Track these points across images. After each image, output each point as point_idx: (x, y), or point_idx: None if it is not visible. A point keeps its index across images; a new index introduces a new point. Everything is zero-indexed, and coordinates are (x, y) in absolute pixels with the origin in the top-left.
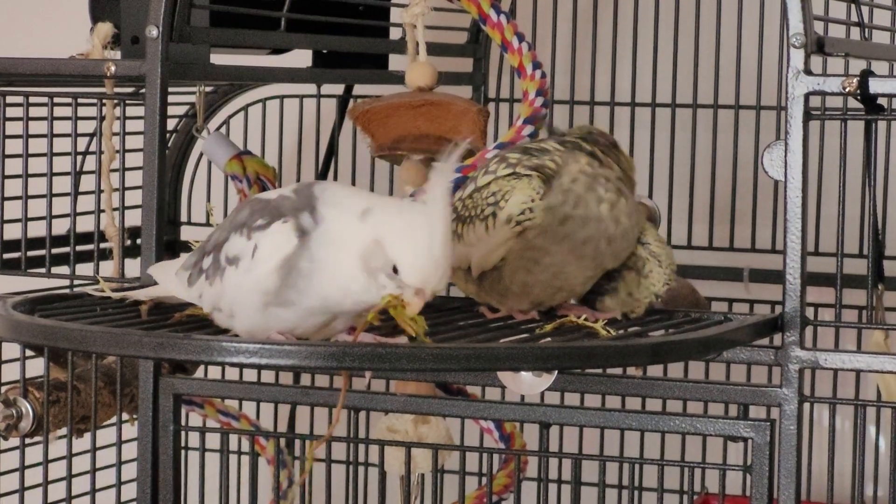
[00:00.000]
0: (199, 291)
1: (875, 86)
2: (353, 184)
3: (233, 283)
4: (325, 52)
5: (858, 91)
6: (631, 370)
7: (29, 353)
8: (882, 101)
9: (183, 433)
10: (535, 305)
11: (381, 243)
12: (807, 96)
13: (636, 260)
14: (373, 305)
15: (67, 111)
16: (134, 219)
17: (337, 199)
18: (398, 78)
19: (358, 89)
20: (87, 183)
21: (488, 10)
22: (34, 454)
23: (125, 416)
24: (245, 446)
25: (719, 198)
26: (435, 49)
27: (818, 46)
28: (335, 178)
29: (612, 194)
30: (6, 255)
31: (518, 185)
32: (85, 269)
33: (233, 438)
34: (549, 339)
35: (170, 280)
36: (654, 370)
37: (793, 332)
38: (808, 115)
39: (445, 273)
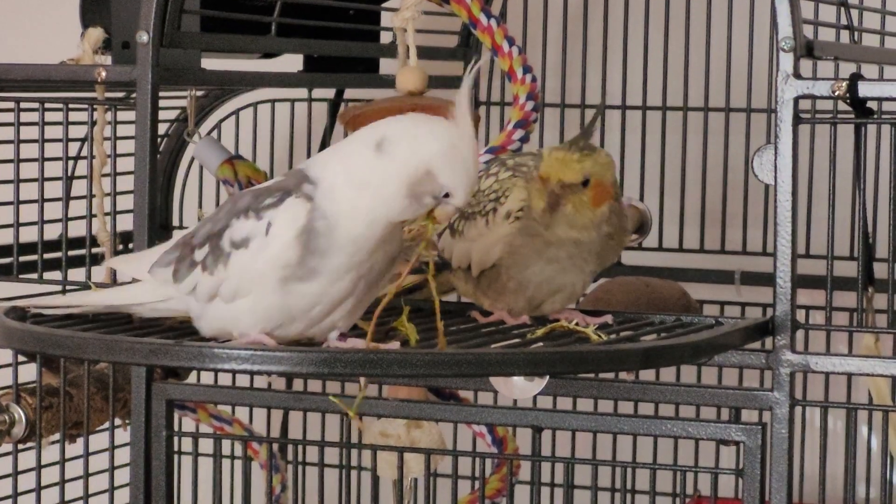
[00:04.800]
0: (193, 283)
1: (864, 89)
2: None
3: (242, 264)
4: (315, 56)
5: (848, 94)
6: (623, 374)
7: (21, 358)
8: (871, 104)
9: (176, 438)
10: (532, 307)
11: (431, 172)
12: (796, 100)
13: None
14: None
15: (58, 116)
16: (125, 224)
17: (316, 157)
18: (389, 82)
19: (349, 93)
20: (79, 188)
21: (478, 14)
22: (27, 460)
23: (118, 422)
24: (238, 451)
25: (710, 201)
26: (425, 53)
27: (807, 50)
28: None
29: (576, 234)
30: None
31: (518, 182)
32: (77, 274)
33: (226, 443)
34: (540, 343)
35: (140, 276)
36: (647, 374)
37: (783, 335)
38: (797, 119)
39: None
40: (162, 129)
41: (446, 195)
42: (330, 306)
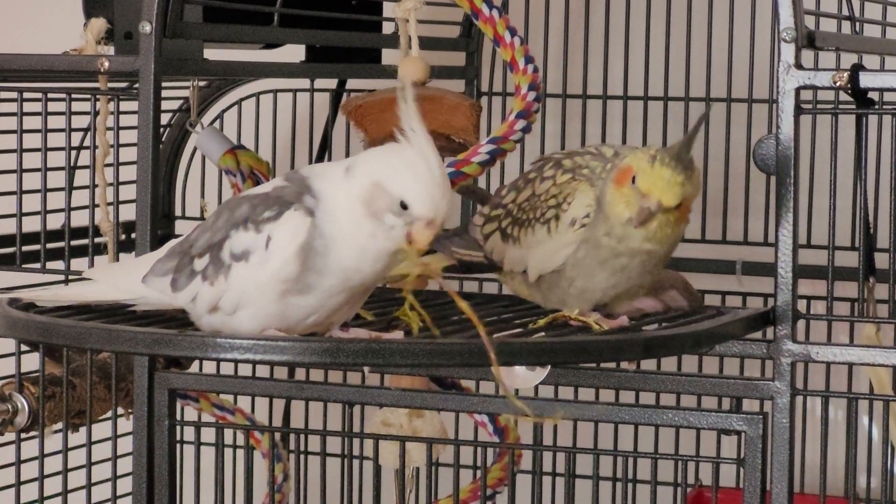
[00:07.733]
0: (193, 294)
1: (865, 80)
2: None
3: (243, 278)
4: (318, 46)
5: (849, 85)
6: (624, 364)
7: (24, 347)
8: (873, 94)
9: (178, 427)
10: (597, 307)
11: (380, 184)
12: (798, 90)
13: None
14: (387, 252)
15: (61, 106)
16: (128, 213)
17: (322, 171)
18: (391, 72)
19: (351, 83)
20: (82, 178)
21: (480, 4)
22: (30, 449)
23: (120, 411)
24: (240, 440)
25: (711, 190)
26: (427, 43)
27: (809, 41)
28: None
29: (650, 246)
30: (0, 251)
31: (581, 188)
32: (80, 264)
33: (228, 432)
34: (542, 333)
35: (129, 284)
36: (648, 364)
37: (784, 325)
38: (799, 110)
39: (450, 200)
40: (164, 119)
41: (404, 207)
42: (325, 316)
